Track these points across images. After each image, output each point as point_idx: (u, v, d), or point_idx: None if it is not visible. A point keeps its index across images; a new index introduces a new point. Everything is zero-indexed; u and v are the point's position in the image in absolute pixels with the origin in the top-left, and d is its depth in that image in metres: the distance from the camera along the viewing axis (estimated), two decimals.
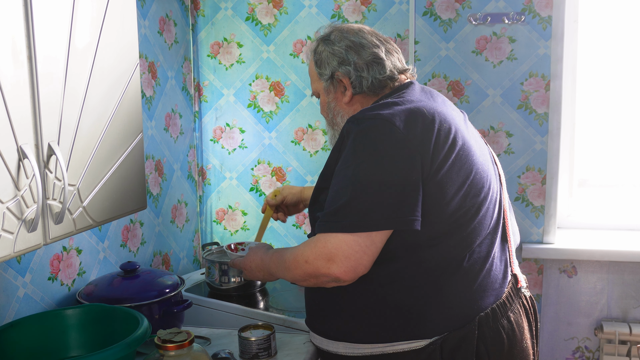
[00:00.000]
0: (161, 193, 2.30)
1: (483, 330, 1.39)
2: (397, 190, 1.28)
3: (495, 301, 1.43)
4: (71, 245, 1.77)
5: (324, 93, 1.58)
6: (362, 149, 1.31)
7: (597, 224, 2.45)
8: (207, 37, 2.53)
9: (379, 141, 1.30)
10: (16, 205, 1.09)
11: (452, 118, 1.41)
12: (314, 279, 1.34)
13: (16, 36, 1.08)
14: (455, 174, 1.35)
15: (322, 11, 2.41)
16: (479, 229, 1.40)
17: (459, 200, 1.36)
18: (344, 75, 1.51)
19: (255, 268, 1.59)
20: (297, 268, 1.36)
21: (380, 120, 1.32)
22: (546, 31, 2.24)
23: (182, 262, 2.48)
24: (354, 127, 1.34)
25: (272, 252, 1.55)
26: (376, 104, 1.42)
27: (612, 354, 2.27)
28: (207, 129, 2.59)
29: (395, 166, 1.29)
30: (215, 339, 1.73)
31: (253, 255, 1.61)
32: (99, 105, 1.31)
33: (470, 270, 1.39)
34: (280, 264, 1.45)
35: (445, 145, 1.35)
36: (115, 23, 1.35)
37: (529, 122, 2.29)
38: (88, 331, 1.49)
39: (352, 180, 1.29)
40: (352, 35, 1.52)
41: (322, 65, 1.55)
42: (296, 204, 1.94)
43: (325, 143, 2.47)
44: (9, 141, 1.07)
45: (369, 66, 1.50)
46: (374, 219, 1.27)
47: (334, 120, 1.57)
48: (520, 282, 1.53)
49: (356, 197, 1.28)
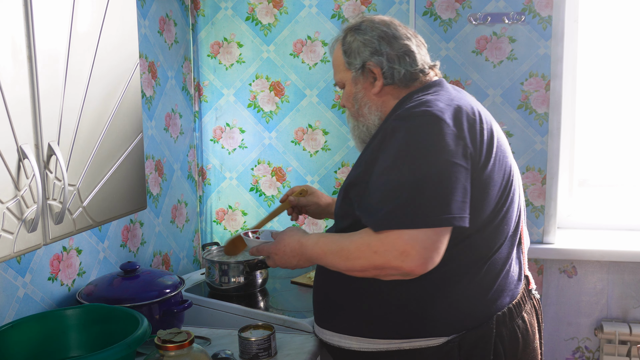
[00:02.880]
0: (161, 193, 2.30)
1: (500, 329, 1.40)
2: (452, 187, 1.27)
3: (511, 301, 1.44)
4: (71, 245, 1.77)
5: (352, 83, 1.53)
6: (416, 145, 1.30)
7: (597, 224, 2.45)
8: (207, 37, 2.53)
9: (433, 137, 1.29)
10: (16, 205, 1.09)
11: (489, 117, 1.43)
12: (378, 270, 1.30)
13: (16, 36, 1.08)
14: (496, 173, 1.37)
15: (322, 11, 2.41)
16: (505, 230, 1.42)
17: (495, 200, 1.38)
18: (375, 65, 1.48)
19: (290, 252, 1.48)
20: (362, 258, 1.31)
21: (430, 117, 1.31)
22: (546, 31, 2.24)
23: (182, 262, 2.48)
24: (403, 123, 1.33)
25: (317, 237, 1.45)
26: (416, 100, 1.40)
27: (612, 354, 2.27)
28: (207, 129, 2.59)
29: (453, 163, 1.28)
30: (215, 339, 1.73)
31: (288, 238, 1.50)
32: (99, 105, 1.31)
33: (492, 270, 1.40)
34: (335, 251, 1.37)
35: (489, 144, 1.36)
36: (115, 23, 1.35)
37: (529, 122, 2.29)
38: (88, 331, 1.49)
39: (412, 176, 1.27)
40: (384, 26, 1.50)
41: (352, 55, 1.51)
42: (318, 215, 1.91)
43: (326, 143, 2.47)
44: (9, 141, 1.07)
45: (400, 58, 1.48)
46: (439, 216, 1.25)
47: (360, 111, 1.53)
48: (532, 283, 1.54)
49: (421, 194, 1.26)
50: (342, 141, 2.46)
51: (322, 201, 1.88)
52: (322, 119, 2.46)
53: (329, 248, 1.40)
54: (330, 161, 2.48)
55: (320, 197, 1.88)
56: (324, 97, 2.45)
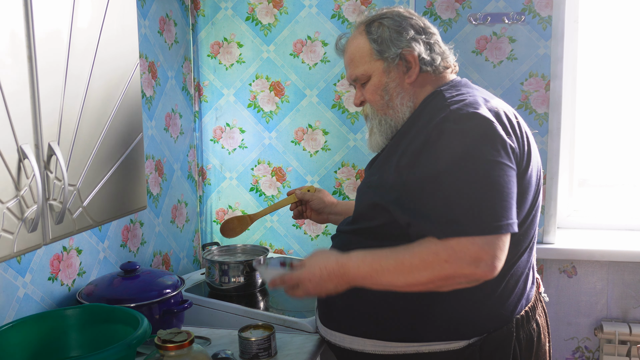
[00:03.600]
0: (161, 193, 2.30)
1: (519, 332, 1.39)
2: (510, 192, 1.26)
3: (527, 304, 1.43)
4: (71, 245, 1.77)
5: (383, 74, 1.47)
6: (472, 149, 1.26)
7: (597, 224, 2.45)
8: (207, 37, 2.53)
9: (488, 140, 1.27)
10: (16, 205, 1.09)
11: (521, 118, 1.42)
12: (444, 281, 1.25)
13: (16, 35, 1.08)
14: (533, 178, 1.37)
15: (322, 11, 2.41)
16: (531, 234, 1.42)
17: (529, 205, 1.37)
18: (411, 53, 1.45)
19: (327, 276, 1.34)
20: (429, 269, 1.24)
21: (481, 120, 1.29)
22: (546, 31, 2.24)
23: (182, 262, 2.48)
24: (453, 126, 1.29)
25: (362, 255, 1.33)
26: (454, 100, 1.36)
27: (612, 354, 2.27)
28: (207, 129, 2.59)
29: (508, 167, 1.27)
30: (215, 339, 1.73)
31: (323, 260, 1.36)
32: (99, 105, 1.31)
33: (515, 273, 1.39)
34: (393, 266, 1.28)
35: (528, 147, 1.36)
36: (115, 23, 1.35)
37: (529, 122, 2.27)
38: (88, 331, 1.49)
39: (472, 181, 1.24)
40: (410, 15, 1.50)
41: (385, 43, 1.46)
42: (320, 211, 1.88)
43: (326, 143, 2.47)
44: (9, 141, 1.07)
45: (432, 47, 1.48)
46: (506, 222, 1.23)
47: (390, 102, 1.47)
48: (541, 286, 1.54)
49: (483, 199, 1.23)
50: (342, 141, 2.46)
51: (327, 199, 1.88)
52: (322, 119, 2.46)
53: (383, 265, 1.29)
54: (330, 161, 2.48)
55: (325, 195, 1.88)
56: (324, 97, 2.45)
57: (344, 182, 2.47)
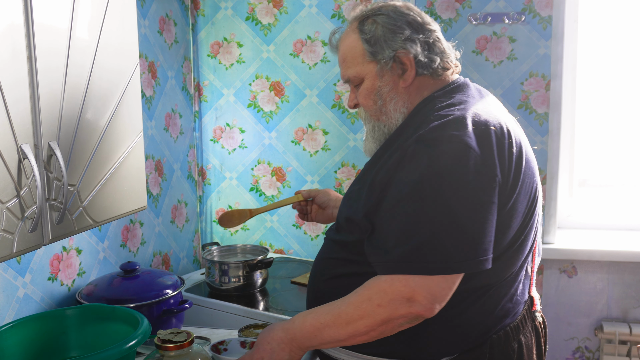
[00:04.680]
0: (161, 193, 2.30)
1: (494, 352, 1.29)
2: (479, 228, 1.16)
3: (510, 323, 1.32)
4: (71, 245, 1.77)
5: (376, 77, 1.36)
6: (437, 178, 1.16)
7: (597, 224, 2.45)
8: (207, 36, 2.53)
9: (460, 168, 1.16)
10: (16, 205, 1.09)
11: (518, 129, 1.31)
12: (384, 326, 1.20)
13: (16, 35, 1.08)
14: (520, 203, 1.25)
15: (322, 11, 2.40)
16: (519, 257, 1.31)
17: (515, 230, 1.26)
18: (407, 54, 1.33)
19: (277, 347, 1.30)
20: (366, 316, 1.19)
21: (457, 144, 1.17)
22: (546, 31, 2.24)
23: (182, 262, 2.48)
24: (425, 149, 1.19)
25: (303, 315, 1.29)
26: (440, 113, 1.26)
27: (612, 354, 2.27)
28: (207, 129, 2.59)
29: (477, 199, 1.16)
30: (215, 339, 1.72)
31: (268, 333, 1.32)
32: (99, 105, 1.31)
33: (496, 294, 1.30)
34: (331, 321, 1.24)
35: (517, 167, 1.24)
36: (115, 23, 1.35)
37: (529, 122, 2.29)
38: (88, 331, 1.49)
39: (430, 214, 1.15)
40: (408, 10, 1.37)
41: (378, 44, 1.34)
42: (324, 205, 1.77)
43: (326, 143, 2.47)
44: (9, 141, 1.06)
45: (431, 46, 1.35)
46: (459, 261, 1.15)
47: (384, 108, 1.37)
48: (536, 305, 1.40)
49: (438, 235, 1.15)
50: (342, 141, 2.46)
51: (332, 194, 1.78)
52: (322, 119, 2.46)
53: (322, 321, 1.25)
54: (330, 161, 2.48)
55: (331, 192, 1.80)
56: (324, 97, 2.45)
57: (344, 182, 2.47)
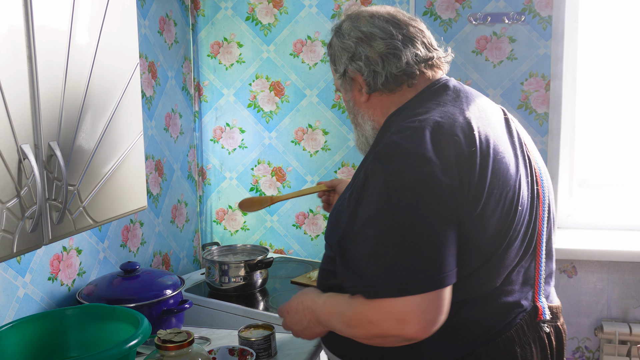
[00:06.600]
0: (161, 193, 2.30)
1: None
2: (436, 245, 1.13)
3: (502, 334, 1.25)
4: (71, 245, 1.77)
5: (342, 91, 1.40)
6: (396, 195, 1.13)
7: (597, 224, 2.44)
8: (207, 37, 2.53)
9: (415, 185, 1.13)
10: (16, 205, 1.09)
11: (491, 129, 1.24)
12: (380, 339, 1.19)
13: (16, 36, 1.08)
14: (493, 206, 1.19)
15: (322, 11, 2.41)
16: (502, 267, 1.24)
17: (495, 238, 1.21)
18: (355, 72, 1.32)
19: (302, 311, 1.34)
20: (360, 327, 1.19)
21: (413, 158, 1.14)
22: (546, 31, 2.24)
23: (182, 262, 2.48)
24: (381, 167, 1.16)
25: (328, 296, 1.30)
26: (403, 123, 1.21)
27: (612, 354, 2.27)
28: (207, 129, 2.59)
29: (439, 214, 1.13)
30: (215, 339, 1.73)
31: (303, 295, 1.37)
32: (99, 105, 1.31)
33: (479, 306, 1.24)
34: (338, 316, 1.25)
35: (481, 173, 1.18)
36: (115, 23, 1.35)
37: (529, 122, 2.29)
38: (88, 331, 1.49)
39: (396, 232, 1.13)
40: (363, 25, 1.32)
41: (337, 61, 1.36)
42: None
43: (326, 143, 2.47)
44: (9, 141, 1.07)
45: (384, 59, 1.29)
46: (437, 276, 1.12)
47: (356, 120, 1.39)
48: (542, 315, 1.30)
49: (409, 252, 1.13)
50: (342, 141, 2.46)
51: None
52: (322, 119, 2.46)
53: (333, 311, 1.27)
54: (330, 161, 2.48)
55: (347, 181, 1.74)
56: (324, 97, 2.45)
57: None
